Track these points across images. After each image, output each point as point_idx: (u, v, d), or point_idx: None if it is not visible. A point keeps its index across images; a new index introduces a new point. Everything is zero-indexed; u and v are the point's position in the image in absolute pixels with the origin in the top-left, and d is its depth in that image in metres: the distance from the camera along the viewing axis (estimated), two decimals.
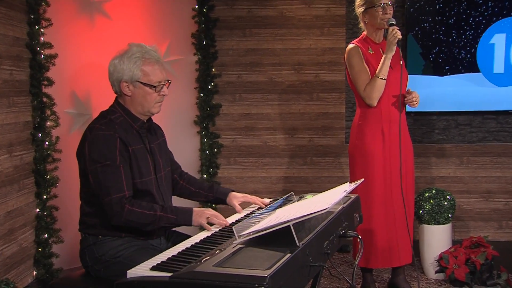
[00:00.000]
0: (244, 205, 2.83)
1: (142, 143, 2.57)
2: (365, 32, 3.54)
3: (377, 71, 3.39)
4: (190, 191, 2.86)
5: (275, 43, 5.09)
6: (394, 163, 3.48)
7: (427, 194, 4.06)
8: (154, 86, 2.51)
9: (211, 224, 2.49)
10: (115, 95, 2.60)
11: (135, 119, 2.56)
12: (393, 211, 3.50)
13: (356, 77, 3.45)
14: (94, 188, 2.42)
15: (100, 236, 2.50)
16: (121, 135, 2.46)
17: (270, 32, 5.08)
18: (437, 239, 4.01)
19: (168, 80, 2.58)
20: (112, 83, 2.55)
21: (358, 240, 2.36)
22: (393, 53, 3.36)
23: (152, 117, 2.68)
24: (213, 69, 5.02)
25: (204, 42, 4.93)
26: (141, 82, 2.50)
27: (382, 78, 3.37)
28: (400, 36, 3.34)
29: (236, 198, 2.79)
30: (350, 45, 3.51)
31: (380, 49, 3.50)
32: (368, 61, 3.45)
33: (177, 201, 2.81)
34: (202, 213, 2.49)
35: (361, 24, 3.55)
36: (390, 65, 3.40)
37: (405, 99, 3.50)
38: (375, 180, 3.46)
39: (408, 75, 3.64)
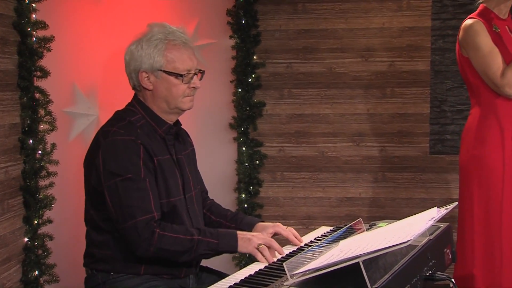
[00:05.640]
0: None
1: (169, 154, 2.61)
2: (484, 4, 3.51)
3: None
4: (210, 221, 2.89)
5: (336, 21, 5.08)
6: None
7: None
8: (181, 75, 2.54)
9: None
10: (133, 91, 2.65)
11: (160, 122, 2.60)
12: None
13: (487, 60, 3.39)
14: (111, 210, 2.45)
15: (112, 273, 2.53)
16: (144, 141, 2.49)
17: (330, 7, 5.07)
18: None
19: (200, 70, 2.61)
20: (129, 75, 2.60)
21: (452, 285, 2.31)
22: None
23: (179, 120, 2.71)
24: (254, 57, 5.04)
25: (243, 22, 4.95)
26: (164, 71, 2.53)
27: None
28: None
29: (265, 230, 2.73)
30: (470, 21, 3.48)
31: (507, 26, 3.50)
32: (494, 41, 3.41)
33: None
34: (251, 238, 2.52)
35: None
36: None
37: None
38: (504, 205, 3.40)
39: None
